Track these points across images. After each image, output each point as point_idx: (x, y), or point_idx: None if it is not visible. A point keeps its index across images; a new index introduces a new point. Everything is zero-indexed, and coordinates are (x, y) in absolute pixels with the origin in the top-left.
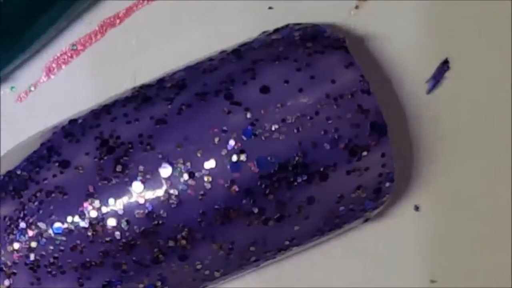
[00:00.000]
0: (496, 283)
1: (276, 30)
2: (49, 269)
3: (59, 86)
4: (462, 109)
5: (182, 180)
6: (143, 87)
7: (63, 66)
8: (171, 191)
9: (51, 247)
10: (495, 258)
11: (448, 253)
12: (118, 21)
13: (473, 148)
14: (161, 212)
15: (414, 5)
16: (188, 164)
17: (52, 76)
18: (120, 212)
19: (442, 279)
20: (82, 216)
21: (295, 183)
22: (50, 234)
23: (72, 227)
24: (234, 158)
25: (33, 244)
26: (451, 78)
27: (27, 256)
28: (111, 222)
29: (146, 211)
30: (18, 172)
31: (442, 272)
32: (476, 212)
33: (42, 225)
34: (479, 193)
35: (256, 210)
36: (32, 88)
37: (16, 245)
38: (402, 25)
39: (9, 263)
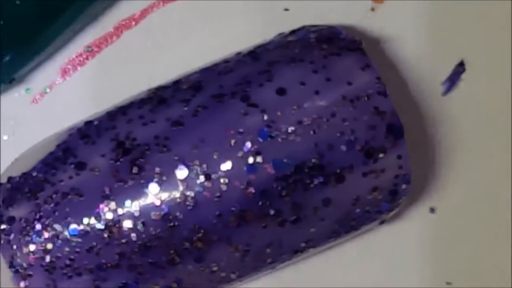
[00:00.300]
0: None
1: (292, 32)
2: (65, 271)
3: (74, 87)
4: (478, 110)
5: (198, 182)
6: (159, 88)
7: (79, 68)
8: (187, 193)
9: (67, 249)
10: (511, 260)
11: (464, 256)
12: (133, 23)
13: (489, 150)
14: (177, 214)
15: (430, 6)
16: (204, 166)
17: (68, 78)
18: (136, 213)
19: (458, 282)
20: (98, 217)
21: (311, 185)
22: (66, 235)
23: (88, 228)
24: (251, 160)
25: (49, 246)
26: (467, 79)
27: (43, 258)
28: (127, 223)
29: (162, 213)
30: (34, 174)
31: (458, 274)
32: (493, 214)
33: (58, 226)
34: (496, 195)
35: (272, 212)
36: (48, 90)
37: (32, 247)
38: (417, 27)
39: (24, 265)
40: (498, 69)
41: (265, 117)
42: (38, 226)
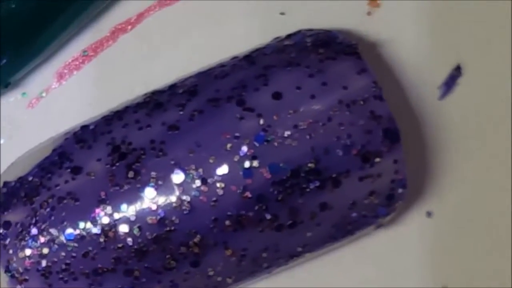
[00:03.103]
0: None
1: (288, 36)
2: (61, 276)
3: (70, 92)
4: (475, 115)
5: (194, 186)
6: (155, 93)
7: (75, 72)
8: (184, 197)
9: (63, 254)
10: (509, 265)
11: (461, 260)
12: (129, 27)
13: (485, 154)
14: (173, 218)
15: (427, 11)
16: (201, 170)
17: (64, 82)
18: (132, 218)
19: (454, 286)
20: (94, 222)
21: (308, 190)
22: (62, 240)
23: (84, 233)
24: (247, 164)
25: (45, 251)
26: (463, 84)
27: (39, 263)
28: (123, 228)
29: (158, 217)
30: (30, 178)
31: (455, 278)
32: (489, 218)
33: (54, 231)
34: (492, 199)
35: (268, 217)
36: (44, 94)
37: (28, 252)
38: (414, 31)
39: (21, 270)
40: (494, 74)
41: (261, 122)
42: (34, 231)
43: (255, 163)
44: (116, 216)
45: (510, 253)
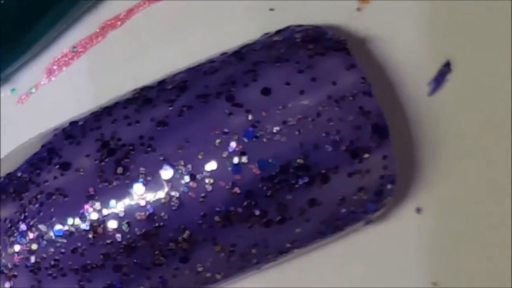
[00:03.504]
0: (498, 285)
1: (278, 32)
2: (50, 272)
3: (59, 88)
4: (464, 111)
5: (183, 182)
6: (144, 89)
7: (64, 68)
8: (172, 193)
9: (52, 250)
10: (497, 261)
11: (450, 256)
12: (119, 23)
13: (475, 150)
14: (162, 214)
15: (416, 7)
16: (189, 166)
17: (53, 78)
18: (121, 214)
19: (444, 282)
20: (82, 218)
21: (297, 185)
22: (50, 236)
23: (73, 229)
24: (236, 160)
25: (34, 247)
26: (452, 80)
27: (28, 259)
28: (112, 224)
29: (147, 213)
30: (19, 174)
31: (444, 274)
32: (478, 214)
33: (42, 227)
34: (481, 195)
35: (257, 213)
36: (33, 90)
37: (17, 247)
38: (403, 27)
39: (9, 266)
40: (483, 70)
41: (250, 117)
42: (23, 227)
43: (244, 159)
44: (105, 212)
45: (500, 248)
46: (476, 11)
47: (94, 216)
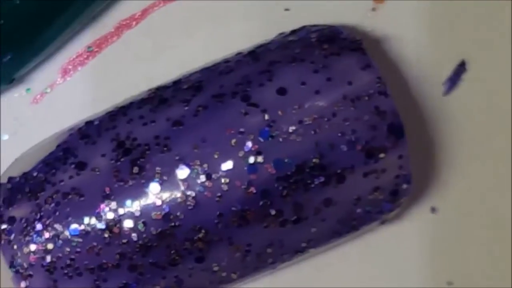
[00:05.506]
0: None
1: (293, 32)
2: (66, 271)
3: (75, 87)
4: (479, 110)
5: (199, 181)
6: (159, 88)
7: (79, 68)
8: (188, 193)
9: (68, 249)
10: None
11: (465, 255)
12: (134, 22)
13: (490, 150)
14: (178, 213)
15: (431, 6)
16: (205, 165)
17: (68, 78)
18: (137, 213)
19: (459, 282)
20: (98, 217)
21: (312, 185)
22: (66, 235)
23: (89, 228)
24: (251, 159)
25: (50, 246)
26: (468, 79)
27: (44, 258)
28: (128, 223)
29: (163, 212)
30: (35, 174)
31: (459, 274)
32: (493, 214)
33: (58, 226)
34: (496, 195)
35: (273, 212)
36: (48, 90)
37: (33, 247)
38: (418, 27)
39: (25, 265)
40: (499, 69)
41: (266, 117)
42: (39, 226)
43: (260, 159)
44: (121, 211)
45: None
46: (491, 11)
47: (110, 215)
